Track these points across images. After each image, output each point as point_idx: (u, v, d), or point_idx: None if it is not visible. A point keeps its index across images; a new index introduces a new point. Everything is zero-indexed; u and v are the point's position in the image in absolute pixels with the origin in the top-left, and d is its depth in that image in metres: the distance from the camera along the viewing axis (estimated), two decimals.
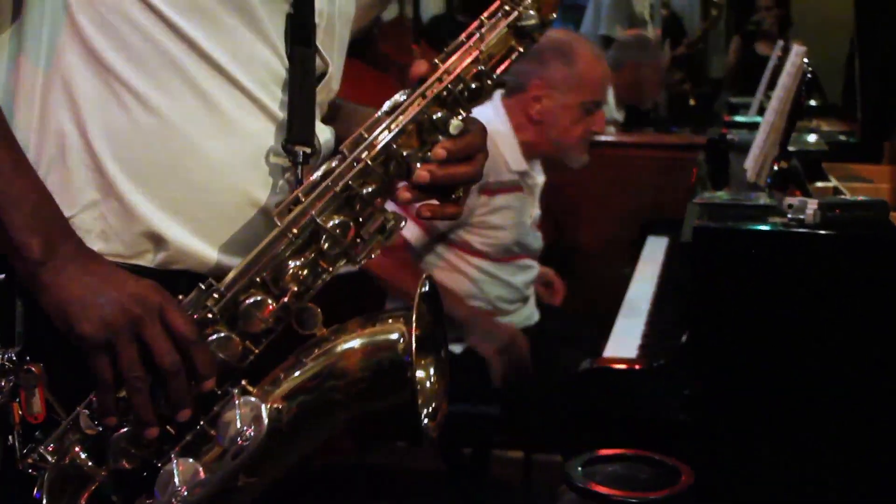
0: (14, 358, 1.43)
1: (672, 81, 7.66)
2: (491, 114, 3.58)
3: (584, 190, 4.78)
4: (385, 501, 4.19)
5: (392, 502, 4.18)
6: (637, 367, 2.55)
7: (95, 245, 1.49)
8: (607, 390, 2.56)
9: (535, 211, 3.81)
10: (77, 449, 1.45)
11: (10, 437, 1.44)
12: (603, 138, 5.28)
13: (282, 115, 1.56)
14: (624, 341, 3.02)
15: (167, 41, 1.48)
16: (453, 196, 1.56)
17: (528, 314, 3.81)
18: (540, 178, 3.81)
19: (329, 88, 1.68)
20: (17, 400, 1.42)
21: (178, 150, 1.50)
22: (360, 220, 1.51)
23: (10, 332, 1.45)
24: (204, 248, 1.53)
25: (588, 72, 3.63)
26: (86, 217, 1.49)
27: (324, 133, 1.65)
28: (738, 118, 4.47)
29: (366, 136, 1.51)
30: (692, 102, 8.02)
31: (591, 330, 3.57)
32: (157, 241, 1.51)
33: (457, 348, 3.57)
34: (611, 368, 2.59)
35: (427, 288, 1.54)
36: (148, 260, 1.52)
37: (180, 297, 1.47)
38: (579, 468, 2.06)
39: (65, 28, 1.48)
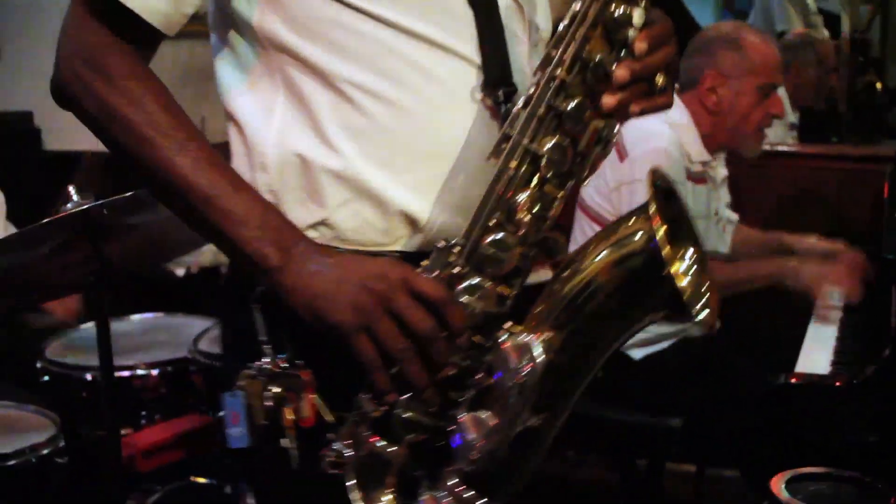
0: (284, 364, 1.47)
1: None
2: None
3: (762, 200, 4.68)
4: None
5: None
6: (838, 384, 2.48)
7: (352, 239, 1.53)
8: (802, 406, 2.50)
9: (723, 210, 3.76)
10: (369, 435, 1.48)
11: (283, 441, 1.47)
12: (781, 149, 5.17)
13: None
14: (814, 356, 2.94)
15: (371, 29, 1.50)
16: (658, 87, 1.51)
17: None
18: (722, 171, 3.76)
19: (536, 29, 1.65)
20: (289, 404, 1.45)
21: (415, 131, 1.52)
22: (574, 136, 1.48)
23: (281, 338, 1.49)
24: (457, 221, 1.53)
25: (759, 56, 3.60)
26: (339, 216, 1.53)
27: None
28: None
29: (554, 53, 1.49)
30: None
31: (773, 342, 3.50)
32: (412, 223, 1.54)
33: (636, 353, 3.53)
34: (808, 384, 2.52)
35: (660, 182, 1.48)
36: (403, 244, 1.55)
37: (423, 262, 1.48)
38: (783, 485, 2.01)
39: (275, 51, 1.54)
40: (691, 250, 1.49)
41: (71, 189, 2.64)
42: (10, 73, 4.79)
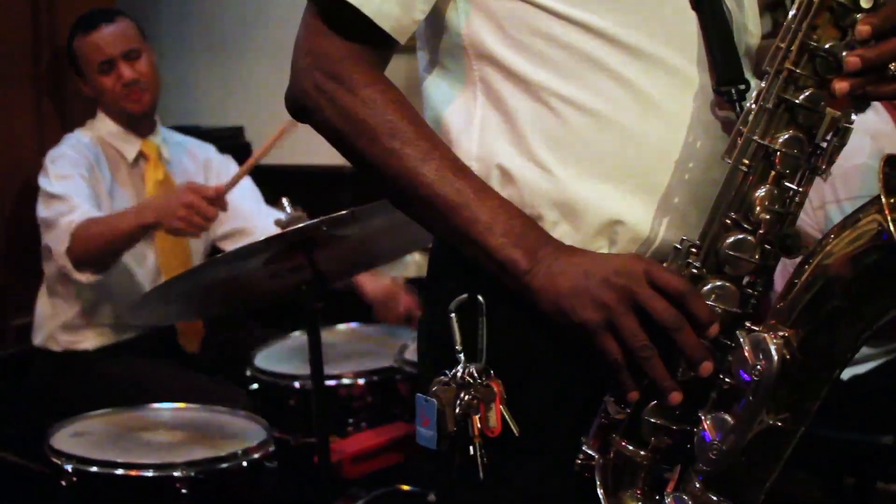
0: (475, 373, 1.49)
1: None
2: (872, 116, 3.42)
3: None
4: None
5: None
6: None
7: None
8: None
9: None
10: (615, 438, 1.49)
11: (471, 448, 1.49)
12: None
13: (703, 73, 1.54)
14: None
15: (579, 40, 1.50)
16: (891, 73, 1.44)
17: None
18: None
19: (747, 33, 1.63)
20: (477, 413, 1.48)
21: (618, 143, 1.51)
22: (809, 129, 1.45)
23: (475, 348, 1.51)
24: (666, 229, 1.53)
25: None
26: (543, 226, 1.52)
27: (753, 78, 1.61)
28: None
29: (781, 45, 1.45)
30: None
31: None
32: (613, 237, 1.52)
33: (844, 373, 3.42)
34: None
35: (889, 169, 1.43)
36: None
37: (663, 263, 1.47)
38: None
39: (478, 58, 1.55)
40: None
41: (285, 201, 2.71)
42: (223, 88, 4.94)
